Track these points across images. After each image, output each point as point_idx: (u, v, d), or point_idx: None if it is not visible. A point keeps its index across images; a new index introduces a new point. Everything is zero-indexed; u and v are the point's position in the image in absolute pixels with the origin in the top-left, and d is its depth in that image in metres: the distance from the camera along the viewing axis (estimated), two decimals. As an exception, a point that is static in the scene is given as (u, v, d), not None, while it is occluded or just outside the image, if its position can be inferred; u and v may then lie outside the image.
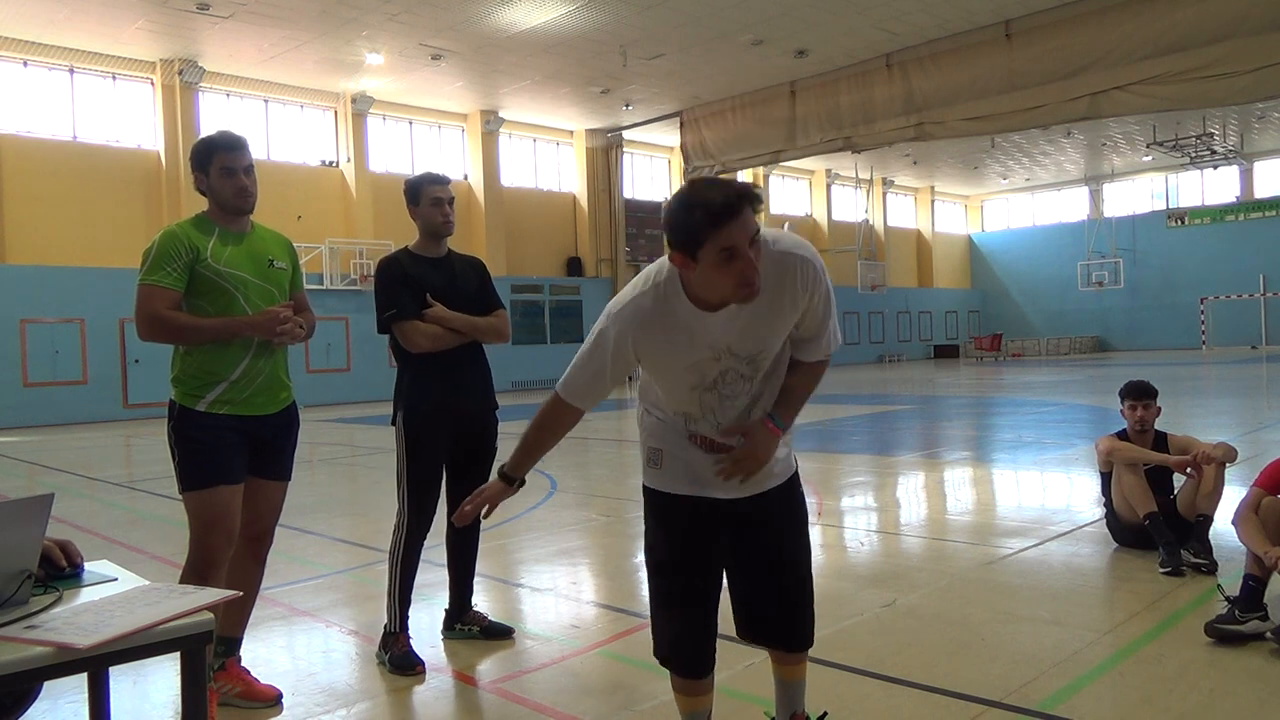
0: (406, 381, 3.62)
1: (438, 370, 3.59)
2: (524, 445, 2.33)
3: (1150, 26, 15.42)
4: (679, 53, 19.94)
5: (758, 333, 2.15)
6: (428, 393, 3.59)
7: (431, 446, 3.59)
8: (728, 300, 2.05)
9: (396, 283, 3.58)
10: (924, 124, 18.74)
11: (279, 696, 3.19)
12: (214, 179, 3.11)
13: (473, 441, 3.71)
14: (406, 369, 3.63)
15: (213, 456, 3.01)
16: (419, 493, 3.60)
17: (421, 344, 3.55)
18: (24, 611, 1.77)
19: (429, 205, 3.67)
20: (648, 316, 2.12)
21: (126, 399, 19.20)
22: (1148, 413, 4.72)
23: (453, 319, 3.59)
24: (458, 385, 3.64)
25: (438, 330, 3.56)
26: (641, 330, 2.13)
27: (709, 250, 1.94)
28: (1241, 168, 34.81)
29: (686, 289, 2.09)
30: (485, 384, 3.77)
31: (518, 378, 25.63)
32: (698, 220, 1.93)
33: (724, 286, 2.00)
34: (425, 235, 3.71)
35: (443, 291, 3.62)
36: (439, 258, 3.72)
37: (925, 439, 11.31)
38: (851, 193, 35.98)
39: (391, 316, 3.56)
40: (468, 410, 3.68)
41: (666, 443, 2.33)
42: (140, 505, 7.97)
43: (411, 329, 3.55)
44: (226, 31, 17.91)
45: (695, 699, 2.39)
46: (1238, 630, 3.37)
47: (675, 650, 2.35)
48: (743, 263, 1.95)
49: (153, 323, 2.99)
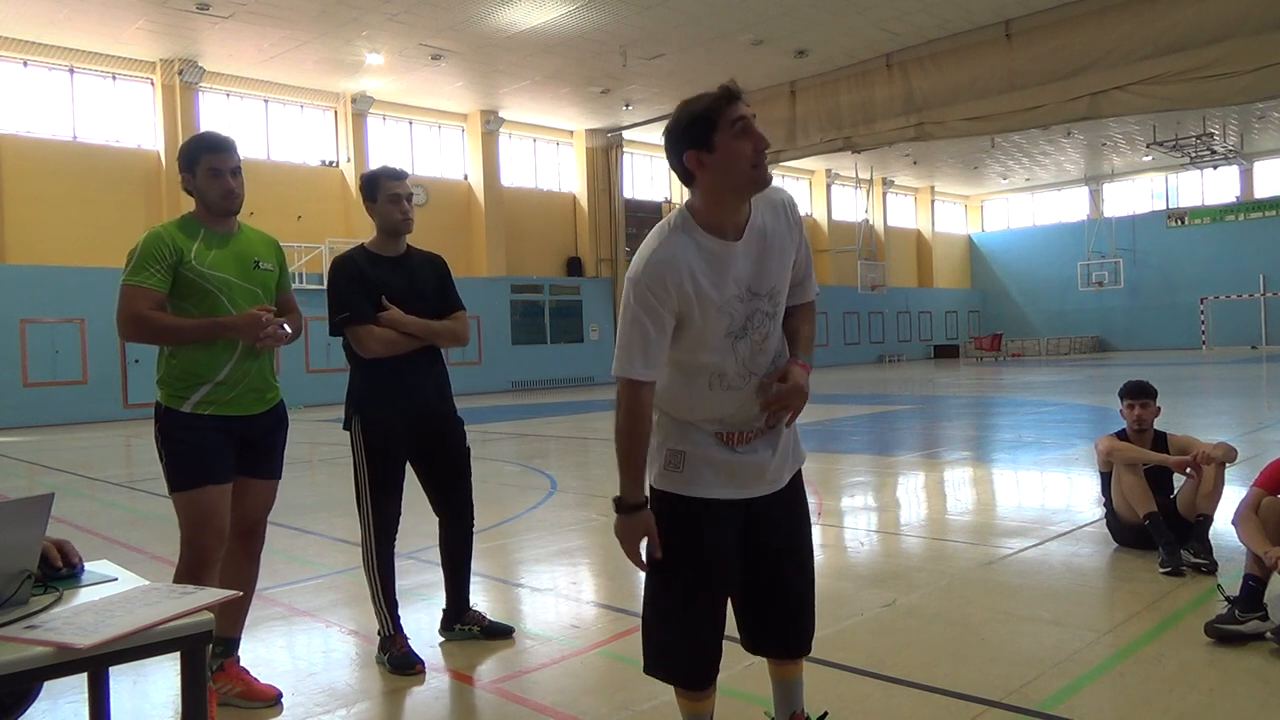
0: (359, 386, 3.53)
1: (392, 375, 3.49)
2: (624, 462, 2.21)
3: (1150, 26, 15.41)
4: (679, 53, 19.93)
5: (770, 265, 2.22)
6: (382, 397, 3.49)
7: (388, 453, 3.50)
8: (747, 184, 2.13)
9: (353, 284, 3.48)
10: (924, 124, 18.74)
11: (279, 696, 3.19)
12: (200, 180, 3.10)
13: (430, 441, 3.62)
14: (359, 373, 3.53)
15: (199, 457, 3.01)
16: (379, 500, 3.51)
17: (374, 349, 3.45)
18: (24, 611, 1.77)
19: (387, 201, 3.57)
20: (672, 262, 2.13)
21: (126, 399, 19.20)
22: (1146, 412, 4.72)
23: (408, 323, 3.49)
24: (412, 390, 3.54)
25: (391, 335, 3.46)
26: (670, 276, 2.12)
27: (724, 126, 2.08)
28: (1241, 168, 34.80)
29: (699, 218, 2.17)
30: (442, 387, 3.68)
31: (517, 378, 25.63)
32: (709, 103, 2.10)
33: (743, 162, 2.09)
34: (383, 233, 3.62)
35: (400, 293, 3.51)
36: (397, 256, 3.63)
37: (925, 439, 11.31)
38: (851, 193, 35.97)
39: (344, 319, 3.46)
40: (425, 414, 3.59)
41: (689, 444, 2.26)
42: (140, 505, 7.97)
43: (365, 333, 3.44)
44: (226, 31, 17.91)
45: (699, 703, 2.38)
46: (1238, 630, 3.37)
47: (688, 664, 2.30)
48: (755, 135, 2.09)
49: (135, 323, 2.98)
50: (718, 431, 2.26)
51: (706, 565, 2.27)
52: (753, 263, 2.19)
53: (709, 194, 2.15)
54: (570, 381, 26.96)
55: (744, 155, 2.09)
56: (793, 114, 21.32)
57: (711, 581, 2.29)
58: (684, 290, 2.13)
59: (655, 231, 2.22)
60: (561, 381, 26.75)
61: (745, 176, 2.12)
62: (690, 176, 2.15)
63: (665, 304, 2.13)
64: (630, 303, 2.16)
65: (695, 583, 2.27)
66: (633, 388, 2.17)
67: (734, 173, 2.11)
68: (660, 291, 2.12)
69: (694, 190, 2.18)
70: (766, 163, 2.13)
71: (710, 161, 2.10)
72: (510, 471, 8.92)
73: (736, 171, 2.11)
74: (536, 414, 16.21)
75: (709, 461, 2.26)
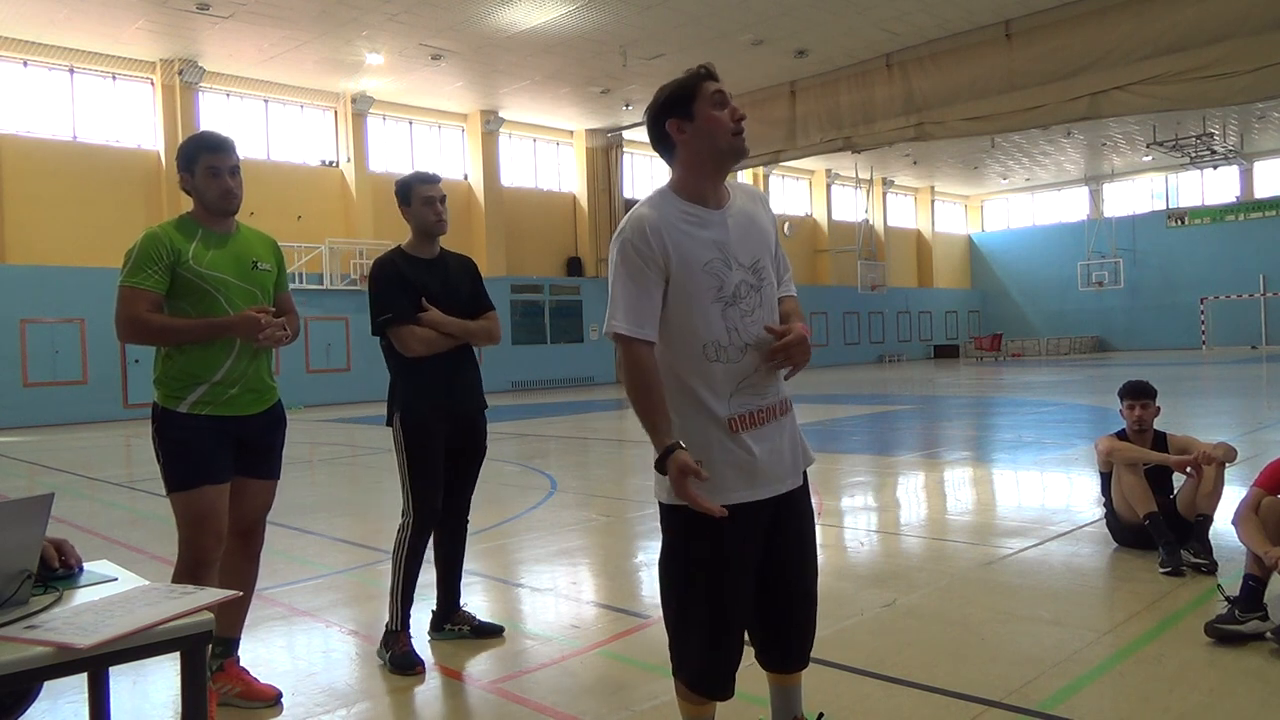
0: (401, 384, 3.63)
1: (432, 372, 3.60)
2: (644, 419, 2.18)
3: (1150, 26, 15.41)
4: (679, 53, 19.93)
5: (750, 235, 2.31)
6: (424, 394, 3.60)
7: (432, 444, 3.60)
8: (726, 152, 2.25)
9: (394, 285, 3.57)
10: (924, 124, 18.73)
11: (279, 696, 3.19)
12: (199, 179, 3.10)
13: (462, 440, 3.73)
14: (401, 371, 3.63)
15: (197, 457, 3.01)
16: (424, 490, 3.60)
17: (416, 348, 3.55)
18: (24, 611, 1.77)
19: (421, 205, 3.65)
20: (654, 222, 2.22)
21: (126, 399, 19.20)
22: (1146, 412, 4.72)
23: (447, 323, 3.60)
24: (451, 387, 3.65)
25: (432, 335, 3.57)
26: (652, 231, 2.20)
27: (703, 97, 2.22)
28: (1241, 168, 34.80)
29: (679, 188, 2.28)
30: (476, 385, 3.80)
31: (517, 378, 25.62)
32: (689, 79, 2.25)
33: (722, 129, 2.22)
34: (418, 235, 3.71)
35: (438, 295, 3.62)
36: (432, 258, 3.72)
37: (925, 439, 11.31)
38: (851, 193, 35.95)
39: (387, 320, 3.55)
40: (460, 411, 3.69)
41: (704, 447, 2.21)
42: (140, 505, 7.97)
43: (407, 333, 3.54)
44: (226, 31, 17.91)
45: (705, 706, 2.35)
46: (1238, 630, 3.37)
47: (713, 676, 2.28)
48: (732, 107, 2.24)
49: (133, 324, 2.98)
50: (729, 418, 2.23)
51: (733, 574, 2.25)
52: (731, 232, 2.27)
53: (689, 163, 2.27)
54: (570, 381, 26.97)
55: (723, 123, 2.22)
56: (793, 114, 21.32)
57: (739, 590, 2.26)
58: (665, 245, 2.19)
59: (638, 204, 2.31)
60: (561, 381, 26.75)
61: (726, 142, 2.24)
62: (671, 146, 2.27)
63: (650, 261, 2.18)
64: (616, 263, 2.22)
65: (724, 593, 2.24)
66: (627, 346, 2.19)
67: (715, 138, 2.23)
68: (644, 246, 2.18)
69: (674, 164, 2.30)
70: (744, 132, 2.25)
71: (691, 129, 2.23)
72: (510, 471, 8.92)
73: (717, 137, 2.23)
74: (536, 414, 16.23)
75: (728, 463, 2.23)
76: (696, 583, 2.24)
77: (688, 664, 2.29)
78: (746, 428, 2.25)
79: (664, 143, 2.28)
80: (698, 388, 2.23)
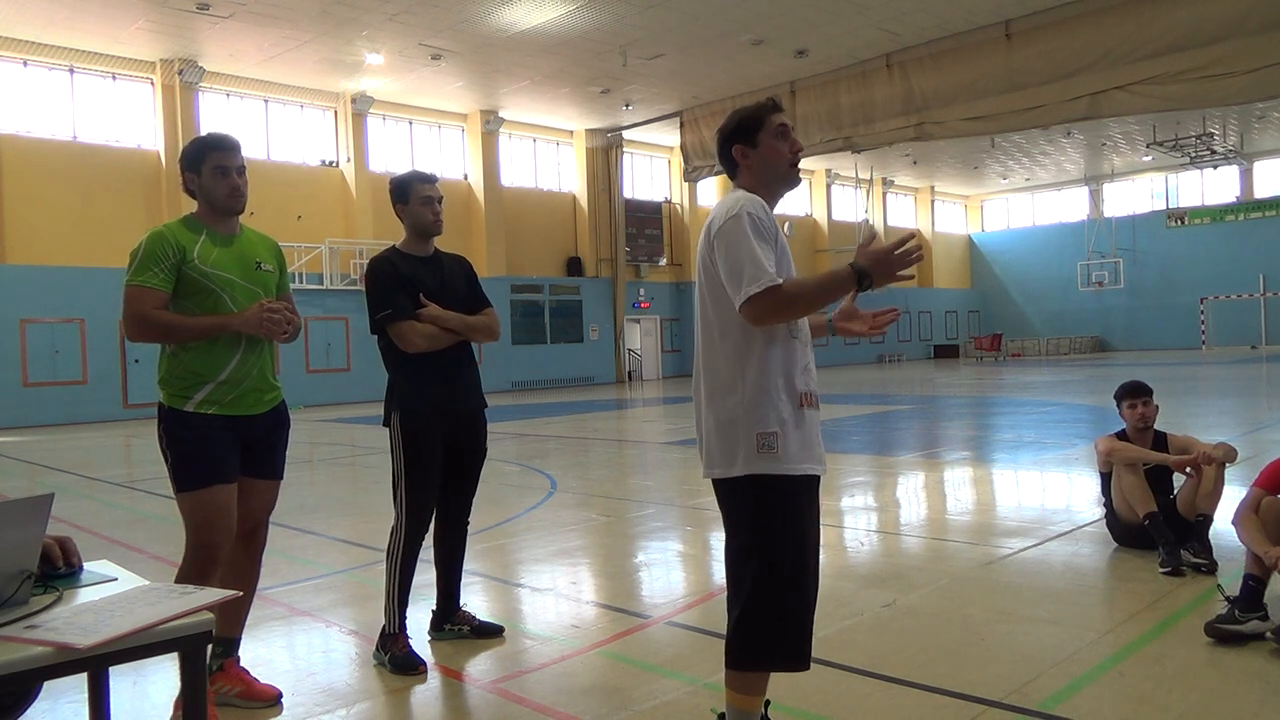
0: (400, 382, 3.61)
1: (431, 370, 3.58)
2: (819, 289, 2.32)
3: (1150, 26, 15.40)
4: (679, 53, 19.94)
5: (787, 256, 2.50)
6: (423, 393, 3.57)
7: (429, 447, 3.58)
8: (781, 179, 2.49)
9: (392, 282, 3.56)
10: (924, 124, 18.73)
11: (279, 696, 3.19)
12: (206, 179, 3.11)
13: (463, 439, 3.70)
14: (400, 370, 3.61)
15: (207, 457, 3.01)
16: (417, 494, 3.58)
17: (418, 344, 3.54)
18: (24, 611, 1.77)
19: (420, 204, 3.64)
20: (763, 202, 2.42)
21: (126, 399, 19.21)
22: (1148, 410, 4.72)
23: (448, 318, 3.58)
24: (452, 385, 3.63)
25: (434, 330, 3.55)
26: (766, 210, 2.39)
27: (769, 128, 2.45)
28: (1241, 168, 34.81)
29: None
30: (477, 383, 3.78)
31: (517, 378, 25.63)
32: (758, 109, 2.49)
33: (781, 160, 2.47)
34: (414, 234, 3.69)
35: (436, 292, 3.61)
36: (428, 256, 3.71)
37: (925, 439, 11.31)
38: (851, 193, 35.95)
39: (387, 316, 3.54)
40: (462, 409, 3.67)
41: (777, 421, 2.33)
42: (140, 505, 7.97)
43: (408, 329, 3.53)
44: (226, 31, 17.91)
45: (757, 699, 2.41)
46: (1238, 630, 3.37)
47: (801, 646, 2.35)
48: (793, 140, 2.48)
49: (141, 323, 2.99)
50: (803, 393, 2.39)
51: (812, 544, 2.39)
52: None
53: (750, 186, 2.47)
54: (570, 381, 26.97)
55: (783, 155, 2.47)
56: (793, 114, 21.29)
57: (816, 560, 2.41)
58: (773, 222, 2.40)
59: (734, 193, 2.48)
60: (561, 381, 26.76)
61: (783, 171, 2.48)
62: (735, 168, 2.51)
63: (768, 230, 2.34)
64: (742, 229, 2.29)
65: (805, 563, 2.36)
66: (775, 292, 2.24)
67: (774, 167, 2.47)
68: (765, 216, 2.36)
69: (737, 184, 2.52)
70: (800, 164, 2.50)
71: (754, 156, 2.47)
72: (510, 471, 8.92)
73: (776, 167, 2.47)
74: (536, 414, 16.24)
75: (799, 438, 2.36)
76: (804, 553, 2.36)
77: (787, 643, 2.34)
78: (810, 406, 2.42)
79: (729, 163, 2.52)
80: (782, 360, 2.37)
